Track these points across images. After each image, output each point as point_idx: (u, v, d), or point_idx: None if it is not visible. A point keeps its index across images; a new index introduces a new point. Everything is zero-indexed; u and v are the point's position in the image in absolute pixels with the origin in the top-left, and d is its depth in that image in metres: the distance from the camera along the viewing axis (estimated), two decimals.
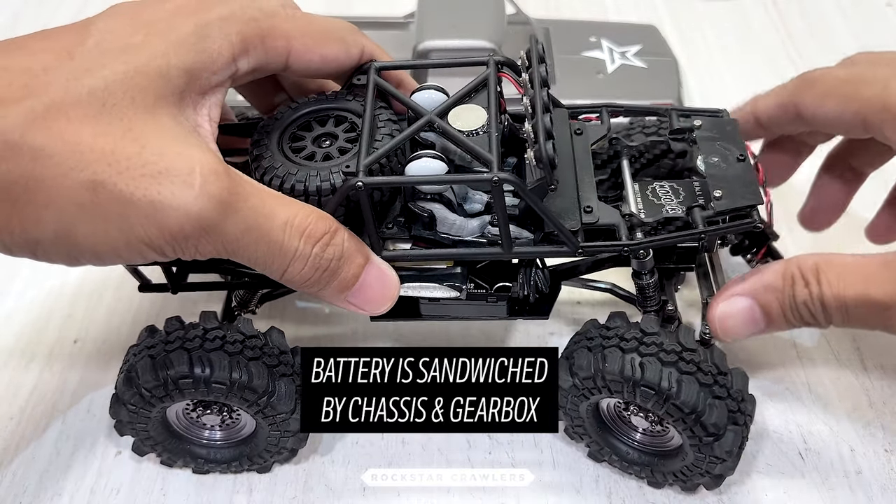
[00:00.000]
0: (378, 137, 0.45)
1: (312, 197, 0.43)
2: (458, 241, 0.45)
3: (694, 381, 0.44)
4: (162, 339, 0.47)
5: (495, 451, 0.53)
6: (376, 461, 0.52)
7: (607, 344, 0.46)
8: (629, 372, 0.44)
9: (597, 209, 0.46)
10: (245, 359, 0.46)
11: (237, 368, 0.45)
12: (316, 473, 0.52)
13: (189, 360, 0.45)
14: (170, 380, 0.45)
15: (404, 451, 0.53)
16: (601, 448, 0.50)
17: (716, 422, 0.44)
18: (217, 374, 0.45)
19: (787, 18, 0.93)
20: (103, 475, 0.52)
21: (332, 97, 0.48)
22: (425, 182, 0.43)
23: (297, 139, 0.46)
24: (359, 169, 0.42)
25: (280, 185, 0.43)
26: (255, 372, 0.46)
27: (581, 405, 0.48)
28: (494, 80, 0.46)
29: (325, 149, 0.45)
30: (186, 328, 0.47)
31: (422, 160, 0.43)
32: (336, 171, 0.43)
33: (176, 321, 0.48)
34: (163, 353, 0.46)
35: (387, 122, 0.46)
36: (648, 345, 0.45)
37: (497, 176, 0.41)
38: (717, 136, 0.49)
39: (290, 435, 0.48)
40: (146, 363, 0.46)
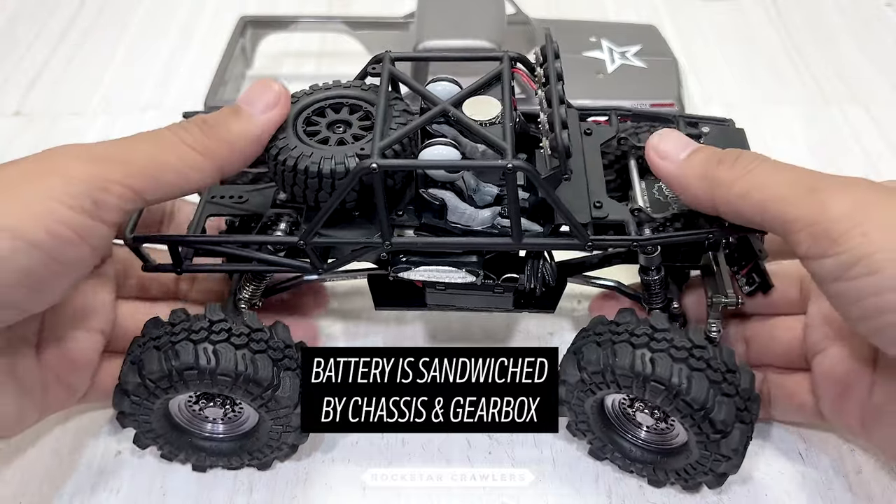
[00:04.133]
0: (392, 126, 0.45)
1: (326, 179, 0.44)
2: (467, 230, 0.46)
3: (704, 377, 0.44)
4: (167, 330, 0.47)
5: (495, 451, 0.53)
6: (376, 461, 0.52)
7: (617, 339, 0.46)
8: (640, 367, 0.44)
9: (606, 205, 0.47)
10: (251, 352, 0.46)
11: (242, 361, 0.45)
12: (316, 473, 0.52)
13: (195, 352, 0.45)
14: (175, 371, 0.45)
15: (404, 451, 0.53)
16: (603, 445, 0.50)
17: (724, 419, 0.44)
18: (223, 365, 0.45)
19: (787, 18, 0.93)
20: (103, 475, 0.52)
21: (347, 86, 0.49)
22: (439, 166, 0.44)
23: (311, 124, 0.47)
24: (373, 152, 0.42)
25: (294, 166, 0.45)
26: (260, 365, 0.46)
27: (586, 401, 0.48)
28: (509, 74, 0.47)
29: (340, 134, 0.47)
30: (192, 320, 0.47)
31: (435, 147, 0.43)
32: (350, 154, 0.44)
33: (182, 312, 0.48)
34: (168, 344, 0.46)
35: (402, 112, 0.46)
36: (659, 340, 0.45)
37: (512, 163, 0.41)
38: (725, 143, 0.49)
39: (291, 430, 0.48)
40: (152, 354, 0.46)
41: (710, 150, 0.45)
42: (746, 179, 0.42)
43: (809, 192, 0.40)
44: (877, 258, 0.37)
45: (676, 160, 0.46)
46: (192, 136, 0.44)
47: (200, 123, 0.45)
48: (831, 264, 0.39)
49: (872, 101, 0.83)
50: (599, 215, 0.46)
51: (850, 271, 0.38)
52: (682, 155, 0.46)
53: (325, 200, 0.45)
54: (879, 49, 0.90)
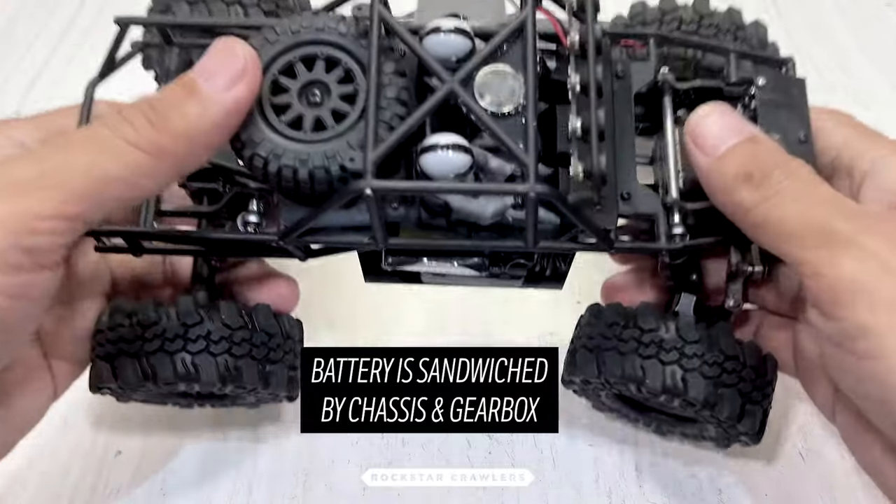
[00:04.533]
0: (383, 104, 0.36)
1: (304, 184, 0.36)
2: (474, 226, 0.39)
3: (736, 392, 0.42)
4: (138, 333, 0.43)
5: (495, 451, 0.53)
6: (376, 461, 0.52)
7: (645, 353, 0.42)
8: (671, 385, 0.41)
9: (636, 195, 0.40)
10: (233, 357, 0.43)
11: (225, 369, 0.43)
12: (316, 473, 0.52)
13: (172, 365, 0.42)
14: (153, 382, 0.43)
15: (404, 451, 0.53)
16: (610, 408, 0.49)
17: (730, 412, 0.42)
18: (204, 379, 0.43)
19: (787, 18, 0.93)
20: (103, 475, 0.52)
21: (320, 25, 0.38)
22: (446, 190, 0.37)
23: (279, 90, 0.38)
24: (366, 168, 0.34)
25: (264, 168, 0.36)
26: (244, 371, 0.43)
27: (603, 392, 0.47)
28: (534, 30, 0.36)
29: (316, 107, 0.37)
30: (163, 320, 0.43)
31: (440, 152, 0.36)
32: (332, 155, 0.36)
33: (151, 310, 0.43)
34: (142, 352, 0.42)
35: (394, 78, 0.37)
36: (690, 357, 0.41)
37: (534, 190, 0.34)
38: (783, 102, 0.41)
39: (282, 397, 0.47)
40: (125, 363, 0.43)
41: (749, 154, 0.37)
42: (765, 208, 0.36)
43: (823, 237, 0.35)
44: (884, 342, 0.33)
45: (712, 154, 0.38)
46: (137, 132, 0.34)
47: (147, 111, 0.34)
48: (832, 328, 0.35)
49: (872, 100, 0.83)
50: (627, 211, 0.40)
51: (852, 343, 0.34)
52: (721, 149, 0.37)
53: (305, 192, 0.38)
54: (879, 49, 0.90)
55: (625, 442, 0.53)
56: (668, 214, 0.40)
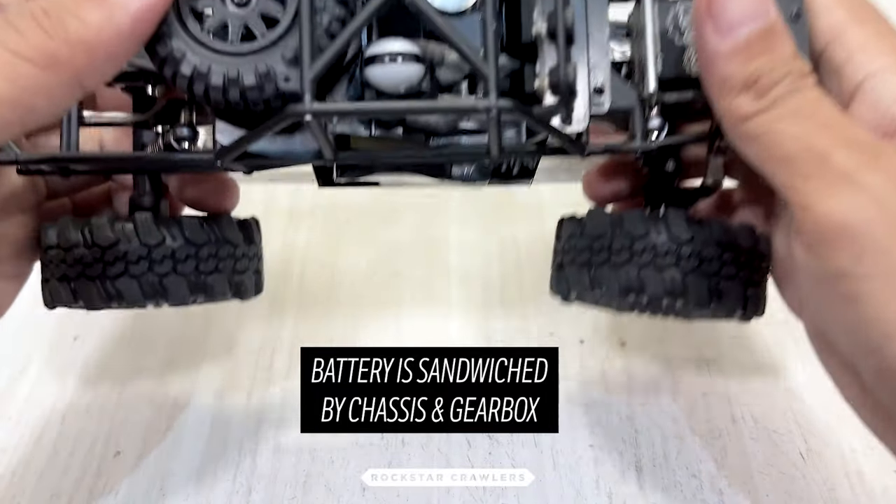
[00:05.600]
0: (319, 3, 0.31)
1: (236, 103, 0.32)
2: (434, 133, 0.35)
3: (738, 282, 0.40)
4: (96, 255, 0.40)
5: (495, 451, 0.53)
6: (376, 461, 0.52)
7: (640, 262, 0.39)
8: (671, 289, 0.39)
9: (608, 88, 0.36)
10: (203, 274, 0.41)
11: (195, 286, 0.41)
12: (316, 473, 0.52)
13: (140, 288, 0.40)
14: (118, 303, 0.41)
15: (404, 451, 0.53)
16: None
17: (732, 305, 0.39)
18: (172, 299, 0.41)
19: None
20: (102, 475, 0.52)
21: None
22: (396, 111, 0.33)
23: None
24: (304, 86, 0.30)
25: (189, 86, 0.31)
26: (215, 286, 0.41)
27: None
28: None
29: (242, 7, 0.32)
30: (123, 240, 0.40)
31: (388, 63, 0.32)
32: (264, 72, 0.31)
33: (108, 228, 0.40)
34: (104, 276, 0.40)
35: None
36: (687, 258, 0.38)
37: (496, 107, 0.30)
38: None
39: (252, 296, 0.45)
40: (86, 285, 0.40)
41: (763, 49, 0.32)
42: (763, 121, 0.32)
43: (819, 166, 0.31)
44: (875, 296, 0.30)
45: (726, 34, 0.32)
46: (25, 38, 0.28)
47: (39, 15, 0.28)
48: (815, 265, 0.32)
49: None
50: (599, 112, 0.36)
51: (834, 282, 0.32)
52: (737, 32, 0.32)
53: (240, 112, 0.33)
54: None
55: (625, 442, 0.53)
56: (645, 108, 0.37)
